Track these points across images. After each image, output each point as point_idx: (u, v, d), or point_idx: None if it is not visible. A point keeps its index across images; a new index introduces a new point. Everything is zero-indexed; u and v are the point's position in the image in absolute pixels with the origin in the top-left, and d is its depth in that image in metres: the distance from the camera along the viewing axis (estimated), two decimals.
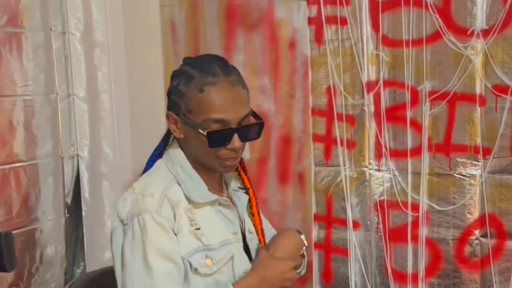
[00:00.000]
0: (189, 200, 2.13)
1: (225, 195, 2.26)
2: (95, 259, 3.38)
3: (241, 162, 2.32)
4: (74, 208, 3.39)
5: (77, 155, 3.38)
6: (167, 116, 2.17)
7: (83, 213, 3.40)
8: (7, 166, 3.03)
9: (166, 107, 2.22)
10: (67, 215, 3.35)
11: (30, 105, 3.15)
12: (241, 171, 2.33)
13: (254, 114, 2.18)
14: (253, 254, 2.25)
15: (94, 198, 3.37)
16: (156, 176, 2.18)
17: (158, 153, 2.28)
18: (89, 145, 3.38)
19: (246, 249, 2.26)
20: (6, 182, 3.02)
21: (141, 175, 2.25)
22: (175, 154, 2.19)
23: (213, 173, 2.22)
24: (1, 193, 2.99)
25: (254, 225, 2.29)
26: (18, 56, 3.08)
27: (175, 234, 2.08)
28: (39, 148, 3.20)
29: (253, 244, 2.28)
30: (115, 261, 2.14)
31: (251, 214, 2.31)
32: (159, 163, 2.23)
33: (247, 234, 2.26)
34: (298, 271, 2.29)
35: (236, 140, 2.10)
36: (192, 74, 2.11)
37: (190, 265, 2.09)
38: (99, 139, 3.37)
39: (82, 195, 3.39)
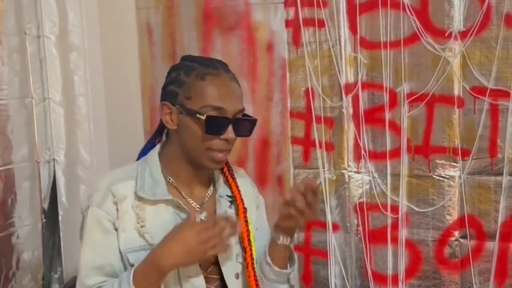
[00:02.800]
0: (139, 197, 2.14)
1: (207, 196, 2.26)
2: (73, 264, 3.35)
3: (230, 169, 2.33)
4: (51, 213, 3.35)
5: (54, 159, 3.34)
6: (161, 107, 2.18)
7: (60, 218, 3.37)
8: None
9: (160, 100, 2.21)
10: (44, 220, 3.31)
11: (5, 109, 3.10)
12: (229, 177, 2.33)
13: (245, 115, 2.21)
14: (221, 261, 2.24)
15: (71, 202, 3.34)
16: (115, 171, 2.24)
17: (150, 146, 2.31)
18: (65, 149, 3.34)
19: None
20: None
21: None
22: (151, 156, 2.22)
23: (198, 173, 2.22)
24: None
25: (240, 232, 2.27)
26: None
27: (116, 229, 2.11)
28: (15, 153, 3.15)
29: (229, 250, 2.23)
30: None
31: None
32: (137, 162, 2.26)
33: None
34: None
35: (230, 131, 2.12)
36: (194, 66, 2.16)
37: (128, 260, 2.10)
38: (76, 143, 3.33)
39: (59, 200, 3.36)
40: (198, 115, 2.09)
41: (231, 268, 2.23)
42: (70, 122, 3.33)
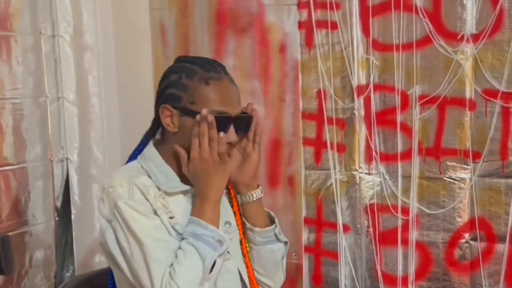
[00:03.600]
0: (159, 188, 2.16)
1: None
2: (85, 263, 3.39)
3: None
4: (64, 212, 3.39)
5: (67, 158, 3.38)
6: (162, 110, 2.19)
7: (73, 217, 3.40)
8: None
9: (157, 102, 2.23)
10: (56, 219, 3.34)
11: (19, 108, 3.14)
12: None
13: (243, 113, 2.26)
14: (229, 247, 2.25)
15: (83, 201, 3.38)
16: (123, 169, 2.26)
17: (141, 148, 2.32)
18: (78, 148, 3.38)
19: None
20: None
21: None
22: (149, 151, 2.24)
23: None
24: None
25: (237, 224, 2.32)
26: (7, 59, 3.07)
27: (158, 215, 2.12)
28: (29, 152, 3.19)
29: (231, 237, 2.26)
30: (116, 258, 2.16)
31: (233, 213, 2.33)
32: (131, 162, 2.28)
33: (221, 227, 2.24)
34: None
35: (232, 133, 2.15)
36: (195, 69, 2.18)
37: None
38: (89, 142, 3.37)
39: (72, 198, 3.39)
40: None
41: (239, 254, 2.29)
42: (84, 121, 3.37)
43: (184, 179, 2.20)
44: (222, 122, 2.13)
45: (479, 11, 2.86)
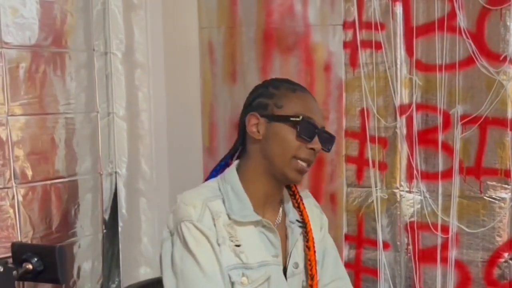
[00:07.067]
0: (230, 217, 2.14)
1: (278, 221, 2.28)
2: (130, 274, 3.42)
3: (299, 193, 2.36)
4: (111, 224, 3.43)
5: (116, 172, 3.42)
6: (249, 118, 2.21)
7: (120, 229, 3.44)
8: (48, 182, 3.07)
9: (243, 114, 2.25)
10: (104, 231, 3.39)
11: (71, 122, 3.19)
12: (301, 204, 2.33)
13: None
14: None
15: (131, 214, 3.42)
16: (201, 189, 2.22)
17: (223, 164, 2.33)
18: (127, 163, 3.43)
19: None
20: (47, 198, 3.07)
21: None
22: (230, 174, 2.22)
23: (273, 193, 2.26)
24: (42, 208, 3.03)
25: (309, 260, 2.27)
26: (62, 75, 3.12)
27: (219, 245, 2.11)
28: (79, 165, 3.24)
29: (294, 279, 2.25)
30: (164, 270, 2.18)
31: (307, 248, 2.28)
32: (212, 180, 2.26)
33: (289, 268, 2.24)
34: None
35: (317, 142, 2.15)
36: (281, 82, 2.23)
37: (230, 277, 2.11)
38: (138, 157, 3.41)
39: (119, 212, 3.44)
40: (292, 119, 2.15)
41: None
42: (133, 136, 3.42)
43: (257, 206, 2.22)
44: (310, 128, 2.13)
45: None
